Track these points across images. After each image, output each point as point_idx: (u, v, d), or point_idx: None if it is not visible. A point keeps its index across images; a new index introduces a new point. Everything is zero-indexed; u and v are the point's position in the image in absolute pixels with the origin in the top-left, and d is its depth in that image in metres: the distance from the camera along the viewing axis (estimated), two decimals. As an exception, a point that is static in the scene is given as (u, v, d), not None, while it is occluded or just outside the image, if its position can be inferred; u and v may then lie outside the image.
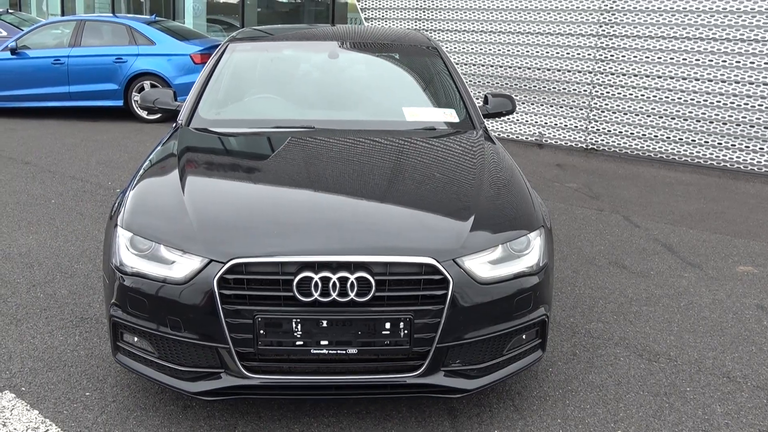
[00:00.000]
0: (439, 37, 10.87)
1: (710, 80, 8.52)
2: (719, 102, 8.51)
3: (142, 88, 10.99)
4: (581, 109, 9.66)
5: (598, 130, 9.56)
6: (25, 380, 3.46)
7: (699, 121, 8.71)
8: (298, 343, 2.79)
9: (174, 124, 4.26)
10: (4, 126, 10.50)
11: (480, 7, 10.38)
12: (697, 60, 8.58)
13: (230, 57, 4.72)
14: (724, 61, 8.39)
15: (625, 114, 9.30)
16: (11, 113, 11.59)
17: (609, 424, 3.19)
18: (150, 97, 4.54)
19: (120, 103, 11.15)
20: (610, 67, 9.30)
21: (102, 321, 4.09)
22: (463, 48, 10.68)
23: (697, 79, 8.62)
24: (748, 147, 8.42)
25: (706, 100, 8.60)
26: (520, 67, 10.13)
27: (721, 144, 8.60)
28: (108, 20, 11.61)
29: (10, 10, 17.96)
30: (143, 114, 11.09)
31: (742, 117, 8.39)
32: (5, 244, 5.36)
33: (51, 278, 4.72)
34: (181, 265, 2.85)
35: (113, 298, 3.01)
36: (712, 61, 8.47)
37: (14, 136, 9.69)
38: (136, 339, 3.02)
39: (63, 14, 20.93)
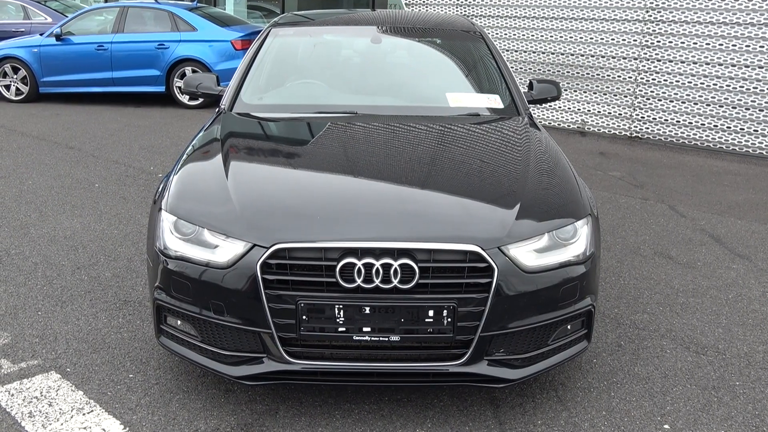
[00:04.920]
0: (480, 22, 10.75)
1: (761, 66, 8.28)
2: (770, 89, 8.28)
3: (183, 74, 11.08)
4: (625, 97, 9.47)
5: (643, 117, 9.37)
6: (70, 361, 3.51)
7: (748, 109, 8.48)
8: (340, 329, 2.77)
9: (217, 109, 4.26)
10: (49, 111, 10.68)
11: (522, -8, 10.23)
12: (747, 46, 8.34)
13: (273, 42, 4.70)
14: (776, 48, 8.15)
15: (670, 101, 9.10)
16: (56, 98, 11.78)
17: (656, 418, 3.12)
18: (193, 82, 4.55)
19: (162, 88, 11.26)
20: (656, 53, 9.10)
21: (145, 304, 4.13)
22: (505, 34, 10.54)
23: (747, 66, 8.38)
24: (800, 136, 8.19)
25: (756, 87, 8.37)
26: (563, 53, 9.97)
27: (770, 133, 8.38)
28: (150, 6, 11.71)
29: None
30: (184, 100, 11.18)
31: (794, 105, 8.16)
32: (51, 227, 5.44)
33: (95, 261, 4.77)
34: (224, 250, 2.84)
35: (157, 281, 3.02)
36: (763, 47, 8.23)
37: (59, 121, 9.85)
38: (179, 322, 3.03)
39: (106, 0, 21.18)
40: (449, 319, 2.76)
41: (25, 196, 6.24)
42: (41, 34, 11.69)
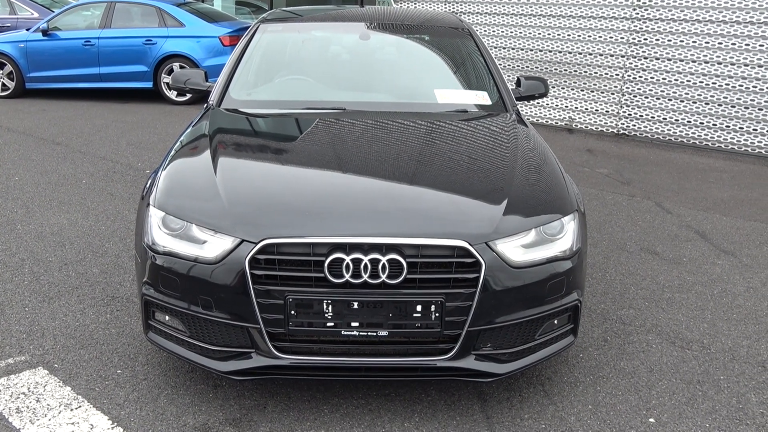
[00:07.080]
0: (468, 19, 10.77)
1: (746, 65, 8.35)
2: (755, 87, 8.34)
3: (171, 70, 11.03)
4: (613, 94, 9.53)
5: (630, 114, 9.42)
6: (58, 357, 3.50)
7: (734, 107, 8.55)
8: (328, 324, 2.78)
9: (205, 105, 4.26)
10: (35, 107, 10.61)
11: (511, -11, 10.26)
12: (733, 44, 8.40)
13: (261, 38, 4.70)
14: (762, 45, 8.21)
15: (657, 99, 9.16)
16: (42, 94, 11.71)
17: (641, 412, 3.15)
18: (181, 78, 4.55)
19: (149, 84, 11.21)
20: (643, 51, 9.15)
21: (132, 300, 4.13)
22: (493, 30, 10.57)
23: (733, 64, 8.45)
24: (784, 133, 8.26)
25: (741, 85, 8.43)
26: (550, 51, 10.00)
27: (756, 130, 8.44)
28: (138, 2, 11.64)
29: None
30: (172, 96, 11.15)
31: (779, 103, 8.23)
32: (38, 223, 5.42)
33: (82, 257, 4.76)
34: (212, 245, 2.85)
35: (145, 276, 3.02)
36: (749, 45, 8.30)
37: (45, 117, 9.79)
38: (167, 318, 3.03)
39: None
40: (437, 314, 2.78)
41: (12, 192, 6.21)
42: (27, 29, 11.61)
